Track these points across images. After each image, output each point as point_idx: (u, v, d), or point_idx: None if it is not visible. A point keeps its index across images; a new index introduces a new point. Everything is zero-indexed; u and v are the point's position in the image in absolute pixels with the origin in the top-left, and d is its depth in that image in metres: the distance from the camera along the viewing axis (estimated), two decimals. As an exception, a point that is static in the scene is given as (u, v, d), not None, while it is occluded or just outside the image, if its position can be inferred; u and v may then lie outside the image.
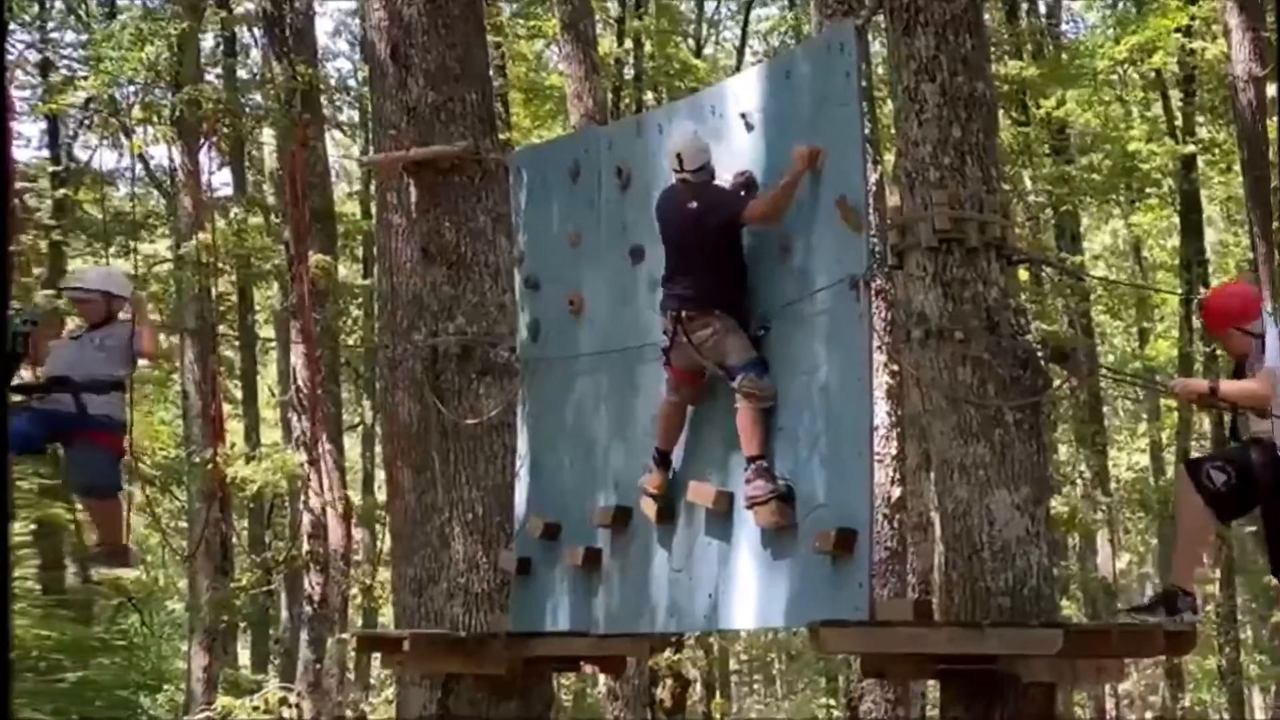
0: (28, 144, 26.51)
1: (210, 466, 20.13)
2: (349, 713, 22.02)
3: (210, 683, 21.49)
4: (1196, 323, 23.81)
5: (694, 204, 9.03)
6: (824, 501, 8.26)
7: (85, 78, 23.22)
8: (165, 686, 27.05)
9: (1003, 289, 8.44)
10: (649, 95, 25.61)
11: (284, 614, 23.09)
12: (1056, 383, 10.37)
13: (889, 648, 8.21)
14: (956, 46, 8.43)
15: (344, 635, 21.01)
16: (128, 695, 23.91)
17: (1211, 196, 26.10)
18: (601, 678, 22.24)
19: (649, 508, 9.24)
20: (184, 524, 24.39)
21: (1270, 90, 20.18)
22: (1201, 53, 23.51)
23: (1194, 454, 22.89)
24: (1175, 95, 26.19)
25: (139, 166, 25.53)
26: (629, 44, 26.54)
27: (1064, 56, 25.54)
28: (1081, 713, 27.24)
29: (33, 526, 25.95)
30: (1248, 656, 29.06)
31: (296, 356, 21.20)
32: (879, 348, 12.54)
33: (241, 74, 25.14)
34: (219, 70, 25.04)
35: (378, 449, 22.70)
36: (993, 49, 19.75)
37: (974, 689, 8.07)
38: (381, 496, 21.45)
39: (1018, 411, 8.24)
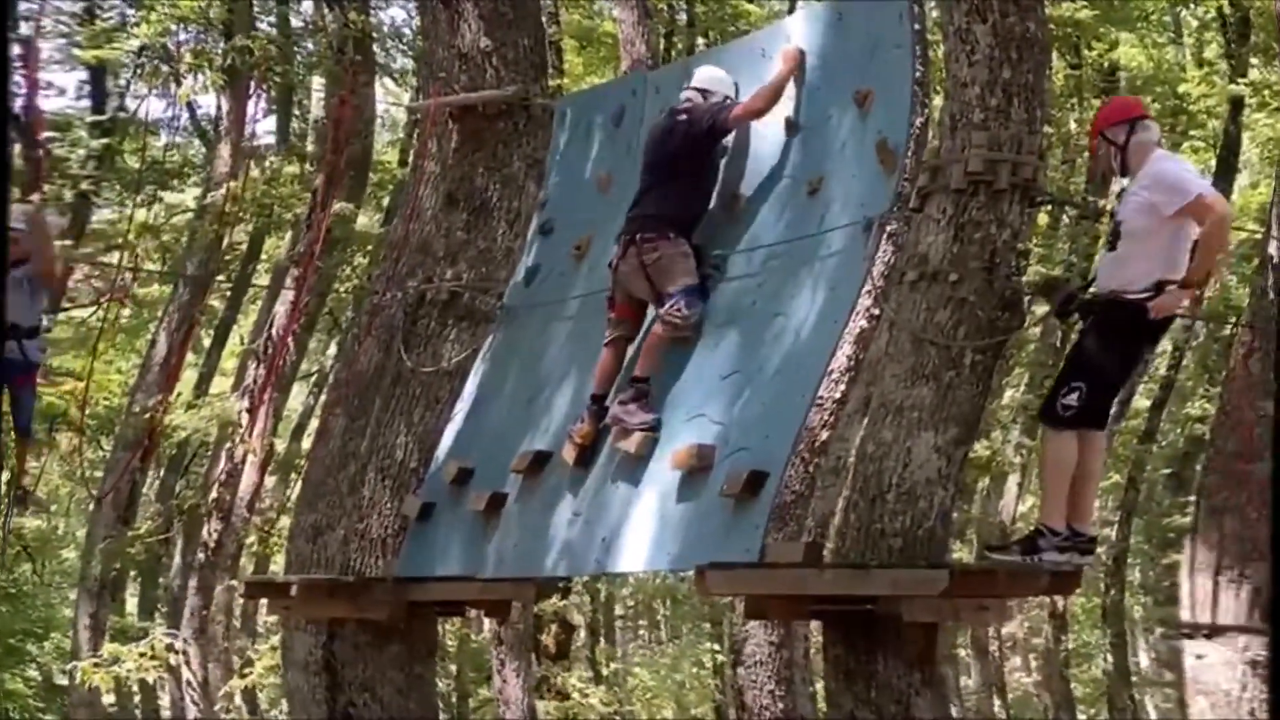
0: (60, 94, 26.08)
1: (148, 416, 20.03)
2: (236, 659, 21.92)
3: (97, 630, 21.29)
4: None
5: (683, 117, 9.17)
6: (747, 445, 8.17)
7: (137, 24, 22.80)
8: (52, 634, 26.90)
9: (1015, 231, 8.30)
10: (700, 41, 25.11)
11: (176, 561, 22.91)
12: (1034, 319, 10.34)
13: (772, 589, 8.17)
14: (1007, -15, 8.26)
15: (232, 582, 20.93)
16: (15, 643, 23.93)
17: (1254, 138, 26.11)
18: (486, 622, 22.36)
19: (570, 454, 9.13)
20: (99, 474, 24.08)
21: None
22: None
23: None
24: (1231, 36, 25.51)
25: (184, 115, 25.33)
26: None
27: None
28: (964, 654, 27.61)
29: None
30: (1133, 598, 29.43)
31: (281, 304, 21.13)
32: (867, 291, 12.54)
33: (294, 22, 24.49)
34: (272, 19, 24.41)
35: (323, 396, 22.60)
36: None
37: (855, 629, 8.07)
38: (308, 444, 21.39)
39: (978, 353, 8.12)
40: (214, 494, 21.13)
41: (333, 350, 27.40)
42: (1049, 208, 19.17)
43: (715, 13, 25.30)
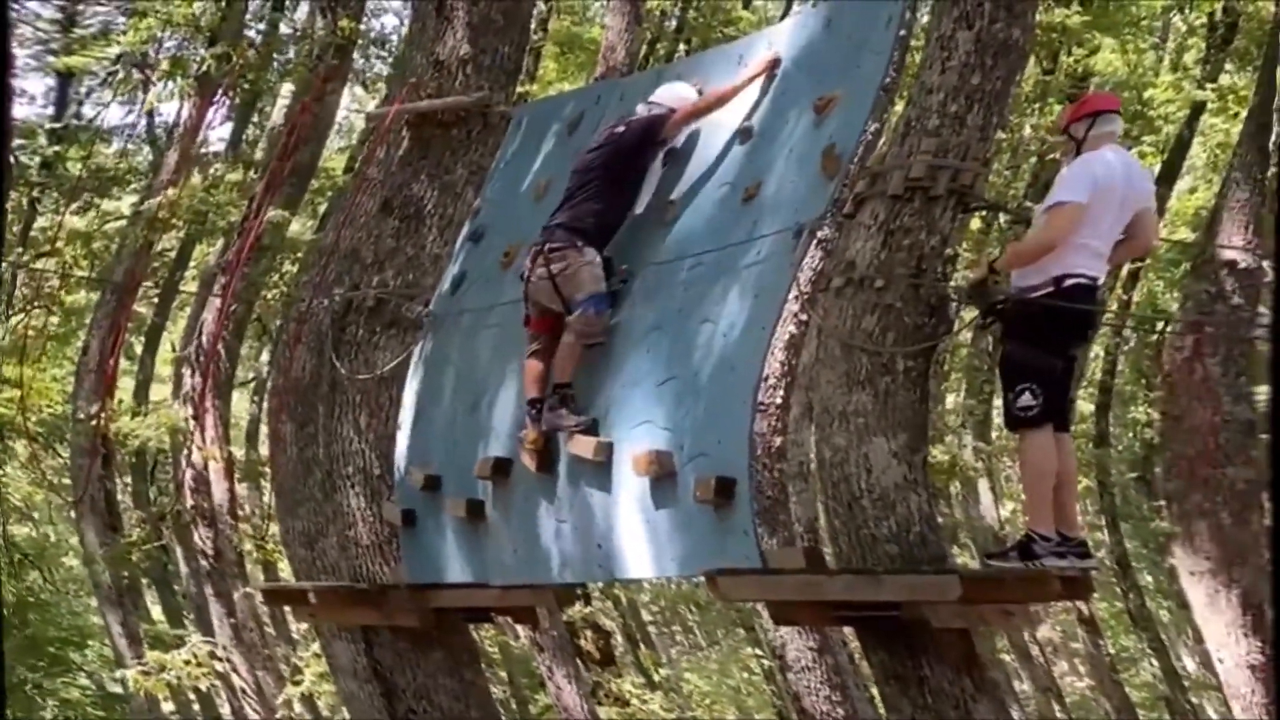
0: (31, 101, 26.11)
1: (94, 422, 20.05)
2: (283, 666, 21.91)
3: (133, 637, 21.36)
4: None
5: (621, 128, 9.17)
6: (704, 450, 8.07)
7: (124, 32, 22.82)
8: (90, 642, 27.02)
9: (944, 237, 8.23)
10: (683, 48, 24.77)
11: (183, 569, 22.93)
12: (963, 324, 10.29)
13: (783, 595, 8.14)
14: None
15: (248, 589, 20.90)
16: (56, 651, 24.03)
17: (1205, 143, 25.85)
18: (520, 629, 22.36)
19: (529, 459, 9.10)
20: (67, 480, 24.18)
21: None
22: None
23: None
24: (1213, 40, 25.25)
25: (143, 123, 25.26)
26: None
27: (1110, 4, 25.05)
28: (1007, 659, 27.43)
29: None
30: (1154, 602, 29.23)
31: (209, 311, 20.96)
32: (795, 298, 12.48)
33: (284, 29, 24.24)
34: (262, 25, 24.18)
35: (265, 404, 22.55)
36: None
37: (889, 635, 8.02)
38: (265, 451, 21.38)
39: (909, 359, 8.07)
40: (190, 501, 21.16)
41: (266, 357, 27.35)
42: (983, 213, 19.01)
43: (706, 19, 24.92)
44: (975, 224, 21.59)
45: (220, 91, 21.40)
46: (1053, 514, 7.99)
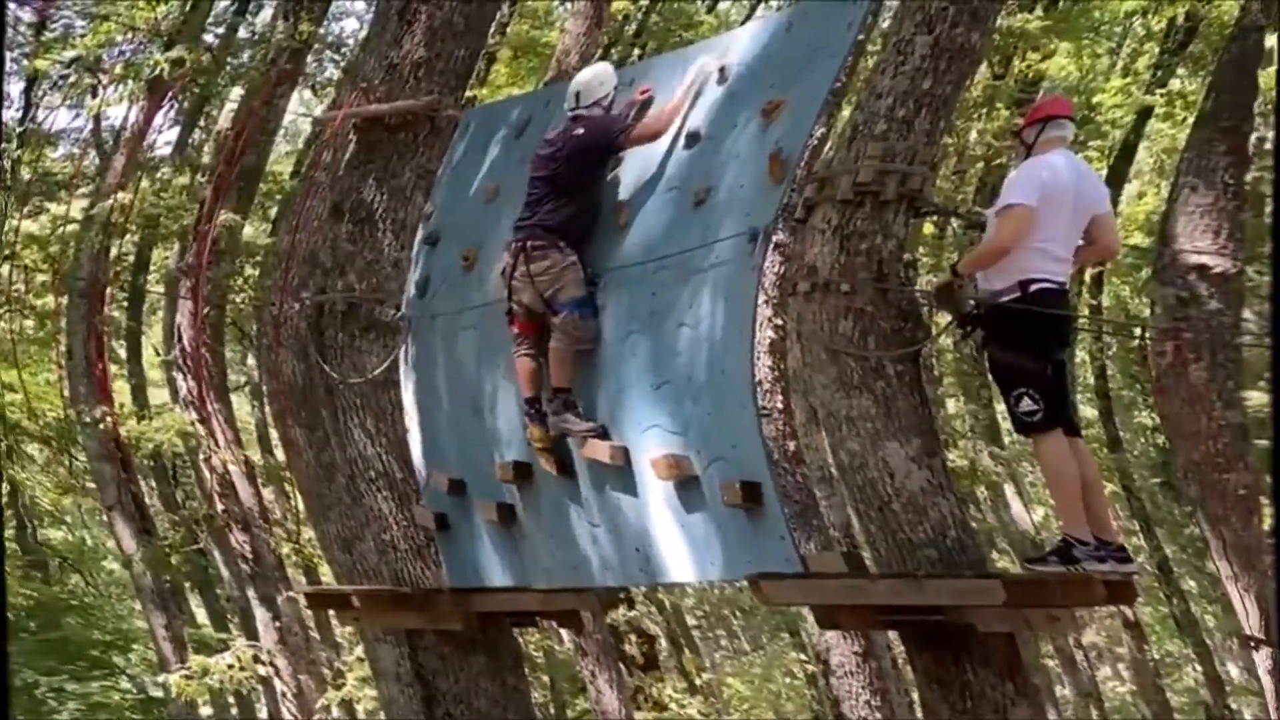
0: (10, 105, 26.17)
1: (101, 426, 20.10)
2: (326, 670, 21.92)
3: (177, 641, 21.38)
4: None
5: (580, 131, 9.13)
6: (721, 455, 8.12)
7: (84, 35, 22.90)
8: (134, 645, 27.01)
9: (900, 241, 8.31)
10: (636, 54, 24.30)
11: (224, 573, 22.94)
12: (939, 328, 10.28)
13: (831, 599, 8.16)
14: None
15: (291, 593, 20.93)
16: (99, 654, 24.02)
17: (1150, 148, 25.68)
18: (564, 633, 22.34)
19: (546, 461, 9.18)
20: (90, 484, 24.16)
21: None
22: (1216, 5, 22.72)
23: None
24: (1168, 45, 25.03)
25: (89, 127, 25.28)
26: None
27: (1074, 7, 24.84)
28: (1051, 664, 27.32)
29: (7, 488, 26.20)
30: (1198, 607, 29.07)
31: (182, 315, 20.99)
32: (765, 302, 12.46)
33: (244, 33, 24.09)
34: (221, 30, 23.92)
35: (268, 408, 22.41)
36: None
37: (936, 639, 8.04)
38: (280, 455, 21.33)
39: (898, 364, 8.14)
40: (219, 506, 21.21)
41: (252, 360, 27.32)
42: (934, 218, 18.91)
43: (667, 24, 24.62)
44: (929, 229, 21.51)
45: (170, 95, 21.35)
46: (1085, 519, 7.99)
